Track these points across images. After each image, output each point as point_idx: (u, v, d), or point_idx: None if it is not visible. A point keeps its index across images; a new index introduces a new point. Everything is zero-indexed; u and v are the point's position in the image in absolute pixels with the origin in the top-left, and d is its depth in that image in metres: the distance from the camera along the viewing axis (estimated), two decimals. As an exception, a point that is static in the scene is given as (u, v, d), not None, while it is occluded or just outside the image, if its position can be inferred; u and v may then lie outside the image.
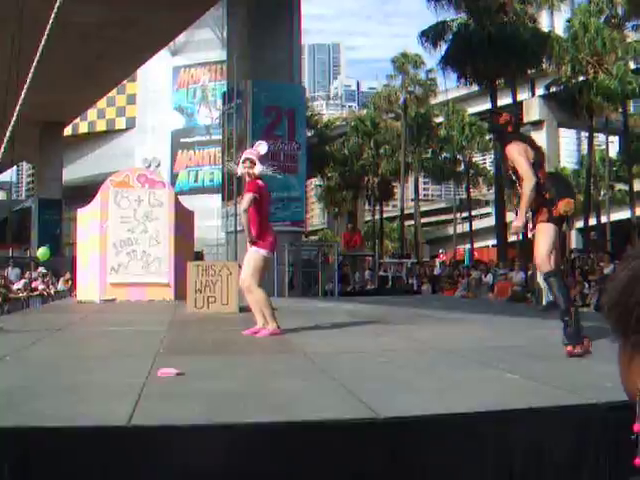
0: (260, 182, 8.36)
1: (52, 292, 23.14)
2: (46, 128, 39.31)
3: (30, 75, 9.69)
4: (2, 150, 9.81)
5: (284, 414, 3.93)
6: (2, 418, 3.75)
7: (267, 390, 4.81)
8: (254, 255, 8.26)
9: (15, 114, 9.78)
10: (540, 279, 13.02)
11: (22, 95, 9.73)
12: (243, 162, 8.41)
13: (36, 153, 41.60)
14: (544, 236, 6.56)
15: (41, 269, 25.86)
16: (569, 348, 6.15)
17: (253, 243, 8.24)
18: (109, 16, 24.03)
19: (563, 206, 6.46)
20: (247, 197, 8.25)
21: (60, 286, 25.04)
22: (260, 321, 8.26)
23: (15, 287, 22.59)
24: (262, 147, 8.59)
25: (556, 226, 6.63)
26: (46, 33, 9.66)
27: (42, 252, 24.79)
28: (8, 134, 9.99)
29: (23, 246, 45.93)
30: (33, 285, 23.83)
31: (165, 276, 15.24)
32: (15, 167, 62.66)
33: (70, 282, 23.08)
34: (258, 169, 8.36)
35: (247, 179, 8.47)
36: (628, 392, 1.14)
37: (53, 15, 9.67)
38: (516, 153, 6.68)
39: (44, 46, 9.72)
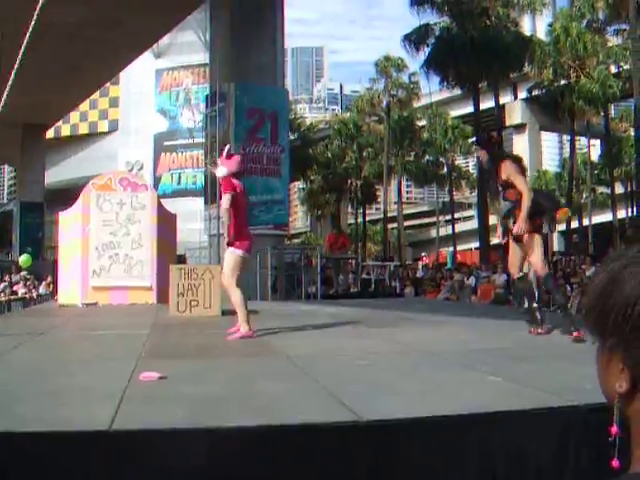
0: (234, 181, 8.43)
1: (34, 296, 23.04)
2: (28, 130, 39.11)
3: (12, 76, 9.65)
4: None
5: (267, 417, 3.92)
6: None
7: (250, 393, 4.81)
8: (231, 255, 8.37)
9: (-4, 116, 9.74)
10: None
11: (4, 96, 9.69)
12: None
13: (18, 156, 41.40)
14: (538, 244, 7.85)
15: (23, 273, 25.76)
16: (577, 333, 7.34)
17: (229, 244, 8.29)
18: (91, 17, 23.97)
19: (562, 215, 7.50)
20: (225, 196, 8.31)
21: (42, 290, 24.93)
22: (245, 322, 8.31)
23: (21, 260, 22.55)
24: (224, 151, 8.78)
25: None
26: (28, 34, 9.63)
27: (24, 259, 24.72)
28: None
29: (5, 250, 45.71)
30: (14, 288, 23.73)
31: (147, 279, 15.19)
32: (-4, 170, 62.30)
33: (52, 286, 22.98)
34: (219, 174, 8.50)
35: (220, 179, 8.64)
36: (606, 394, 1.14)
37: (35, 15, 9.64)
38: (515, 171, 7.85)
39: (26, 47, 9.68)
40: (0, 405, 4.26)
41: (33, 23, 9.72)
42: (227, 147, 9.09)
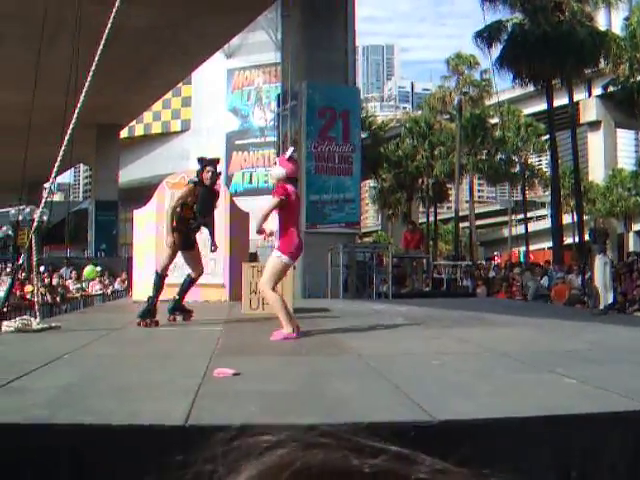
0: (289, 187, 8.27)
1: (109, 292, 23.44)
2: (102, 130, 39.86)
3: (89, 78, 9.84)
4: (62, 152, 9.97)
5: (340, 415, 3.92)
6: (61, 415, 3.81)
7: (322, 391, 4.81)
8: (275, 260, 8.18)
9: (74, 117, 9.93)
10: (598, 282, 12.87)
11: (81, 98, 9.88)
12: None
13: (93, 155, 42.20)
14: None
15: (98, 269, 26.24)
16: None
17: (259, 232, 8.28)
18: (162, 19, 24.32)
19: None
20: (274, 199, 8.20)
21: (117, 286, 25.36)
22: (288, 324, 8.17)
23: (73, 287, 22.96)
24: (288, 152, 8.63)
25: None
26: (104, 37, 9.80)
27: (88, 270, 25.15)
28: (67, 137, 10.15)
29: (80, 247, 46.63)
30: (90, 284, 24.20)
31: (220, 277, 15.31)
32: (72, 169, 63.57)
33: (126, 282, 23.34)
34: (276, 173, 8.40)
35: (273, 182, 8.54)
36: None
37: (111, 19, 9.81)
38: None
39: (102, 50, 9.86)
40: (77, 399, 4.35)
41: (109, 26, 9.90)
42: (291, 149, 8.88)
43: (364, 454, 0.65)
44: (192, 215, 9.91)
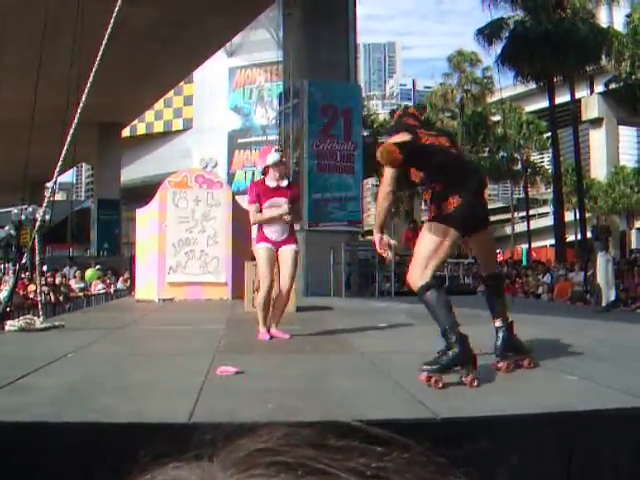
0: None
1: (111, 291, 23.47)
2: (104, 129, 39.83)
3: (91, 77, 9.84)
4: (64, 151, 9.99)
5: (343, 413, 3.94)
6: (66, 414, 3.83)
7: (325, 389, 4.83)
8: (295, 255, 8.10)
9: (77, 116, 9.94)
10: (600, 280, 12.86)
11: (83, 97, 9.89)
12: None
13: (95, 154, 42.18)
14: None
15: (98, 267, 26.30)
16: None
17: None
18: (164, 18, 24.34)
19: None
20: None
21: (119, 285, 25.38)
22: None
23: (76, 286, 22.98)
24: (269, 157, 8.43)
25: None
26: (106, 35, 9.81)
27: (89, 274, 25.19)
28: (70, 136, 10.16)
29: (83, 246, 46.65)
30: (93, 283, 24.23)
31: (223, 276, 15.35)
32: (74, 168, 63.58)
33: (129, 281, 23.37)
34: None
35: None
36: None
37: (113, 18, 9.81)
38: None
39: (104, 49, 9.86)
40: (82, 397, 4.37)
41: (111, 25, 9.90)
42: (274, 151, 8.52)
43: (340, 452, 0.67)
44: None
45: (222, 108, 58.86)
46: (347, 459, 0.65)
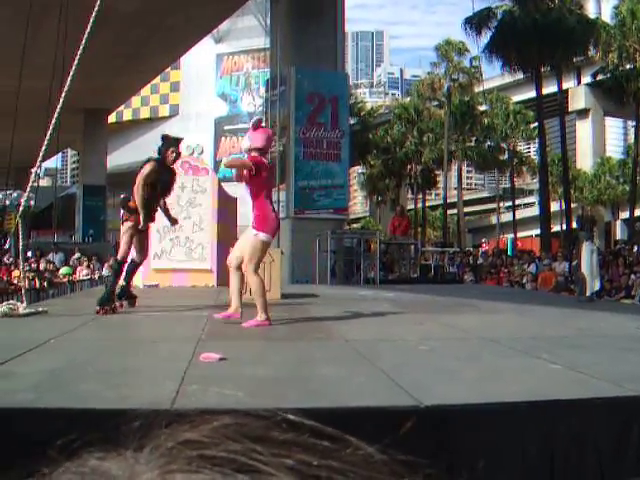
0: (259, 158, 7.86)
1: (96, 277, 23.40)
2: (90, 115, 39.61)
3: (75, 63, 9.77)
4: (48, 137, 9.91)
5: (326, 400, 3.93)
6: (48, 399, 3.81)
7: (308, 376, 4.82)
8: (253, 240, 7.82)
9: (61, 101, 9.87)
10: (584, 270, 12.88)
11: (68, 82, 9.81)
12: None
13: (80, 140, 41.98)
14: None
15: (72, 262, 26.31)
16: None
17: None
18: (151, 3, 24.15)
19: None
20: (246, 162, 7.85)
21: (104, 271, 25.31)
22: (234, 305, 7.97)
23: (61, 272, 22.90)
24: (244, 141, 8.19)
25: None
26: (91, 20, 9.73)
27: (63, 272, 25.17)
28: (54, 121, 10.09)
29: (68, 232, 46.46)
30: (77, 269, 24.16)
31: (208, 262, 15.32)
32: (60, 154, 63.33)
33: (114, 267, 23.31)
34: (244, 144, 8.13)
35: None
36: None
37: (98, 2, 9.74)
38: None
39: (89, 33, 9.78)
40: (64, 383, 4.34)
41: (96, 9, 9.82)
42: (256, 118, 8.44)
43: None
44: (152, 195, 9.36)
45: (209, 95, 58.66)
46: (287, 455, 0.62)
